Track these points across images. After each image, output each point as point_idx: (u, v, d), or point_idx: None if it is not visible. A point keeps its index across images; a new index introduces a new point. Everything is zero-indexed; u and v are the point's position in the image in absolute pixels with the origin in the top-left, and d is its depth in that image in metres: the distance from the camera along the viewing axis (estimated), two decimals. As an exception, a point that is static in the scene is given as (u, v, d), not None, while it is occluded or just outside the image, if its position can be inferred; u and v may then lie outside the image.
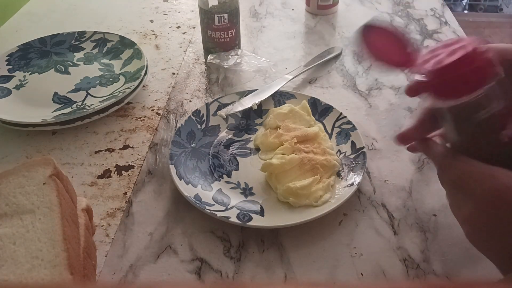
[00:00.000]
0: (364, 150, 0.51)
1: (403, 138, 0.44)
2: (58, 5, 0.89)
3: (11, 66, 0.67)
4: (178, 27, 0.81)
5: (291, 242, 0.45)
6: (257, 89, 0.62)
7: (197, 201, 0.47)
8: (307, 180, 0.47)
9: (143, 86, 0.65)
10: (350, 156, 0.52)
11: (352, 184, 0.48)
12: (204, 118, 0.58)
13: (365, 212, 0.48)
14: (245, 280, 0.42)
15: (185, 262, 0.44)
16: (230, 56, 0.69)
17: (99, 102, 0.60)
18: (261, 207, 0.47)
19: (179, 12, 0.85)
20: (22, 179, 0.40)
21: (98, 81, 0.65)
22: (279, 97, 0.61)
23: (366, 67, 0.70)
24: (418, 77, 0.38)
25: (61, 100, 0.62)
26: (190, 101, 0.64)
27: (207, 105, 0.59)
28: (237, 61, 0.70)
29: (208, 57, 0.68)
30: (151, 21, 0.82)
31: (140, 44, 0.70)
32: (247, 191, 0.50)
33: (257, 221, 0.45)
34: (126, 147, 0.57)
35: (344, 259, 0.44)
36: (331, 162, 0.50)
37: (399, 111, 0.61)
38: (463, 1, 2.42)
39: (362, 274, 0.43)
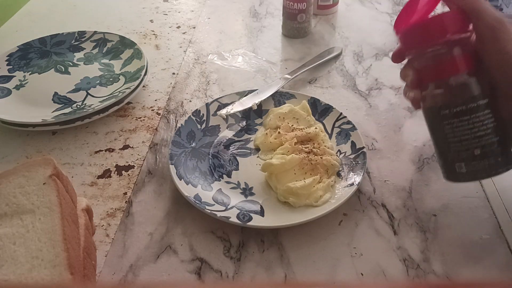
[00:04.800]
0: (364, 150, 0.51)
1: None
2: (58, 5, 0.89)
3: (11, 66, 0.67)
4: (178, 27, 0.81)
5: (291, 242, 0.45)
6: (257, 89, 0.62)
7: (197, 201, 0.47)
8: (307, 180, 0.47)
9: (143, 86, 0.65)
10: (350, 156, 0.52)
11: (352, 184, 0.48)
12: (204, 118, 0.58)
13: (365, 212, 0.48)
14: (245, 280, 0.42)
15: (185, 262, 0.44)
16: (230, 56, 0.69)
17: (99, 102, 0.60)
18: (261, 207, 0.47)
19: (179, 12, 0.85)
20: (22, 179, 0.40)
21: (98, 81, 0.65)
22: (279, 97, 0.61)
23: (366, 67, 0.70)
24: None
25: (61, 100, 0.62)
26: (190, 101, 0.64)
27: (207, 105, 0.59)
28: (237, 61, 0.70)
29: (209, 57, 0.68)
30: (151, 21, 0.83)
31: (140, 44, 0.70)
32: (247, 191, 0.50)
33: (257, 221, 0.45)
34: (126, 147, 0.57)
35: (344, 259, 0.44)
36: (331, 162, 0.50)
37: (399, 111, 0.61)
38: (463, 1, 2.42)
39: (362, 274, 0.43)
